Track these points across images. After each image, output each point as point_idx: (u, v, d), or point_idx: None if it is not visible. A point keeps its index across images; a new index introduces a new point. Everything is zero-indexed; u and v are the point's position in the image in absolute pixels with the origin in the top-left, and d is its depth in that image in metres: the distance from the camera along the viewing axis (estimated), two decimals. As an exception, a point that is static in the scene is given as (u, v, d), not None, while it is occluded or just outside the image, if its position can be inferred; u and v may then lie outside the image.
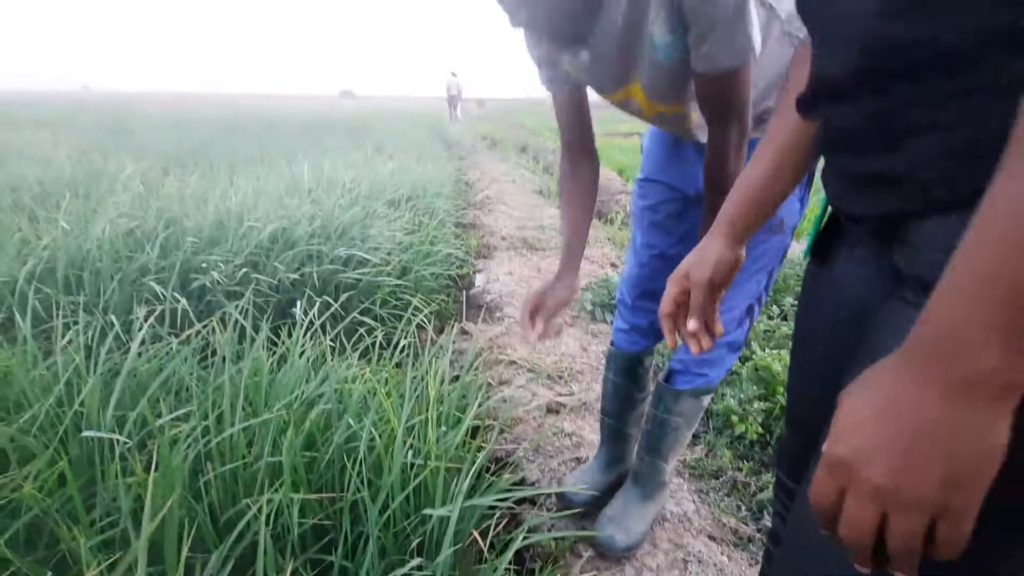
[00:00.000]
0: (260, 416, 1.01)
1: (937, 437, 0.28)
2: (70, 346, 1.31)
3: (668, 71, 0.75)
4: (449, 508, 0.83)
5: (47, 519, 0.90)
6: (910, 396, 0.29)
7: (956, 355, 0.27)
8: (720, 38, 0.67)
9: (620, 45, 0.75)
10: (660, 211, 1.04)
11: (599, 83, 0.85)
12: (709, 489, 1.34)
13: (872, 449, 0.29)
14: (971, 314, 0.27)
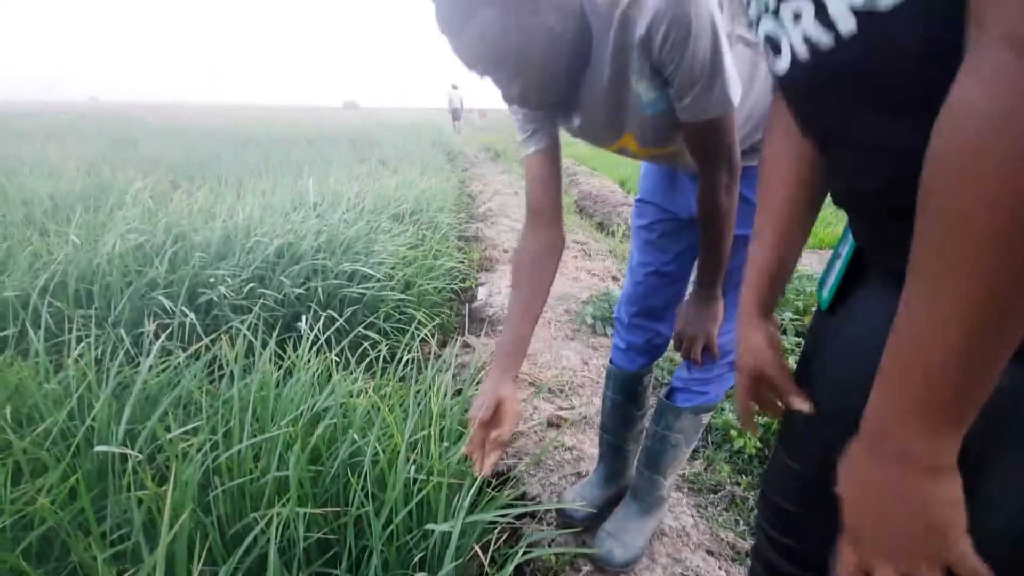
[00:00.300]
0: (267, 431, 1.04)
1: (898, 500, 0.35)
2: (81, 360, 1.35)
3: (656, 121, 0.79)
4: (451, 524, 0.85)
5: (59, 531, 0.92)
6: (871, 476, 0.37)
7: (890, 442, 0.35)
8: (698, 93, 0.71)
9: (608, 106, 0.79)
10: (655, 231, 1.07)
11: (594, 139, 0.89)
12: (708, 504, 1.35)
13: (862, 525, 0.38)
14: (892, 413, 0.35)
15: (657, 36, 0.67)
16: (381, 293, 2.03)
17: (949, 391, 0.32)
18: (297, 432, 1.02)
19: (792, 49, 0.41)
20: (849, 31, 0.35)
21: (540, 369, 1.92)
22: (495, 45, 0.69)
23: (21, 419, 1.20)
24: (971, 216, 0.28)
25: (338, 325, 1.78)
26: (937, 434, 0.33)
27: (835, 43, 0.37)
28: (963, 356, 0.31)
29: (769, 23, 0.43)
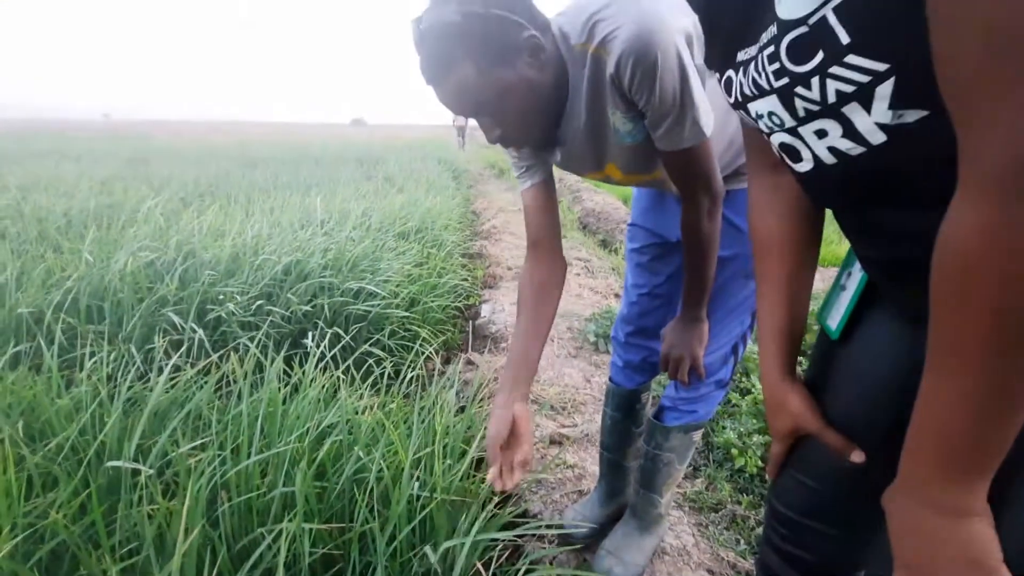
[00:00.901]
0: (274, 447, 1.06)
1: (941, 542, 0.40)
2: (93, 376, 1.38)
3: (636, 150, 0.82)
4: (457, 541, 0.87)
5: (70, 545, 0.94)
6: (914, 520, 0.42)
7: (924, 493, 0.40)
8: (671, 124, 0.74)
9: (589, 139, 0.83)
10: (646, 254, 1.10)
11: (578, 170, 0.93)
12: (708, 523, 1.36)
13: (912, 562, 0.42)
14: (921, 470, 0.40)
15: (626, 73, 0.71)
16: (386, 311, 2.06)
17: (968, 457, 0.38)
18: (304, 448, 1.05)
19: (815, 156, 0.44)
20: (879, 141, 0.39)
21: (543, 387, 1.93)
22: (472, 96, 0.73)
23: (34, 434, 1.23)
24: (964, 331, 0.34)
25: (344, 343, 1.80)
26: (964, 486, 0.38)
27: (864, 150, 0.40)
28: (976, 434, 0.36)
29: (784, 136, 0.46)
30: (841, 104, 0.39)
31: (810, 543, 0.63)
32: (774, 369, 0.61)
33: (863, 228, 0.50)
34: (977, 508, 0.39)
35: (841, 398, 0.59)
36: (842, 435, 0.57)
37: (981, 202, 0.31)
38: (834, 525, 0.60)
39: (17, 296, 1.90)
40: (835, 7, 0.35)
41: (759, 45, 0.42)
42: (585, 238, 4.79)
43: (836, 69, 0.37)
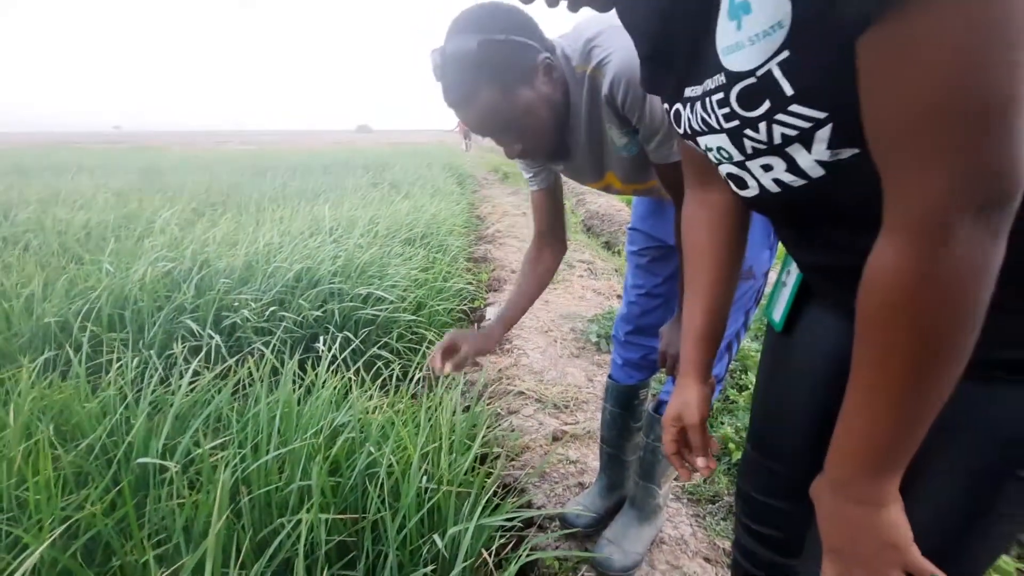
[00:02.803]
0: (291, 444, 1.13)
1: (859, 528, 0.46)
2: (118, 380, 1.46)
3: (632, 161, 0.90)
4: (463, 526, 0.93)
5: (104, 536, 1.02)
6: (839, 511, 0.47)
7: (849, 488, 0.46)
8: (662, 139, 0.81)
9: (589, 152, 0.91)
10: (645, 256, 1.16)
11: (581, 179, 1.01)
12: (706, 514, 1.41)
13: (839, 546, 0.48)
14: (846, 469, 0.46)
15: (618, 94, 0.78)
16: (394, 315, 2.13)
17: (888, 456, 0.43)
18: (319, 444, 1.11)
19: (761, 185, 0.50)
20: (818, 175, 0.44)
21: (546, 386, 1.99)
22: (500, 117, 0.80)
23: (65, 436, 1.31)
24: (886, 353, 0.40)
25: (354, 346, 1.88)
26: (881, 480, 0.44)
27: (805, 182, 0.46)
28: (893, 436, 0.42)
29: (732, 168, 0.51)
30: (786, 145, 0.44)
31: (775, 521, 0.68)
32: (688, 364, 0.68)
33: (800, 240, 0.56)
34: (891, 498, 0.45)
35: (782, 386, 0.65)
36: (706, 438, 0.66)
37: (902, 245, 0.37)
38: (796, 503, 0.66)
39: (44, 306, 1.99)
40: (779, 63, 0.39)
41: (704, 89, 0.47)
42: (589, 240, 4.84)
43: (781, 116, 0.42)
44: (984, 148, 0.33)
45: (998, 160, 0.33)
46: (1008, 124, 0.32)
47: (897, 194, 0.37)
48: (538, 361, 2.21)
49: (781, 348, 0.67)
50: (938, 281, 0.36)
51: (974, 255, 0.35)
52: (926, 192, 0.35)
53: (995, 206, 0.34)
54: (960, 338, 0.38)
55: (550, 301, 2.96)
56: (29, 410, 1.27)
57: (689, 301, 0.68)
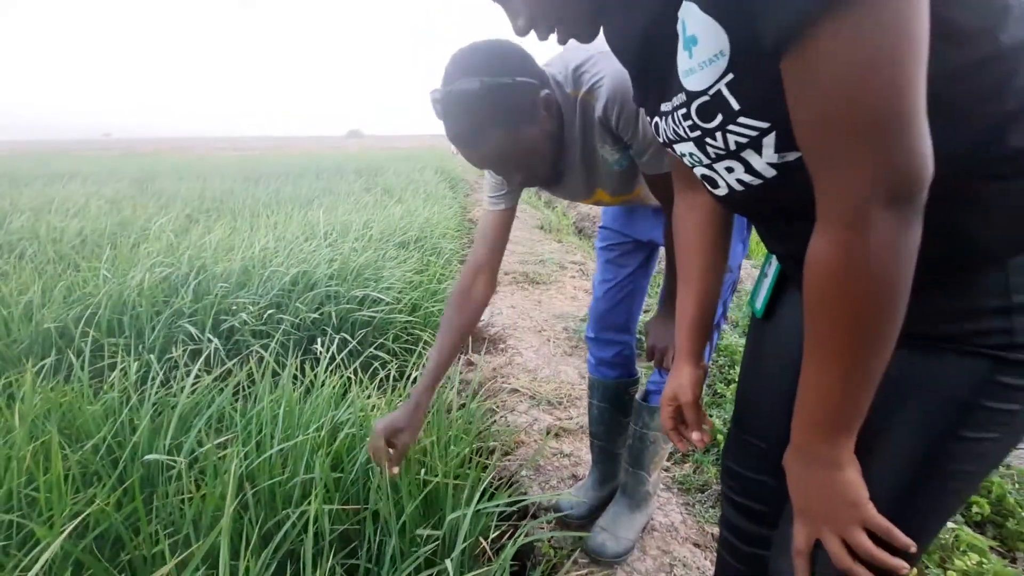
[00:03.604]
0: (294, 440, 1.17)
1: (822, 489, 0.52)
2: (118, 383, 1.49)
3: (621, 175, 0.96)
4: (462, 512, 0.98)
5: (115, 531, 1.05)
6: (804, 475, 0.54)
7: (810, 453, 0.52)
8: (654, 152, 0.87)
9: (582, 171, 0.96)
10: (614, 251, 1.23)
11: (572, 197, 1.06)
12: (695, 502, 1.46)
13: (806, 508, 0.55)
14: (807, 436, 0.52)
15: (612, 115, 0.84)
16: (390, 316, 2.17)
17: (839, 419, 0.49)
18: (322, 438, 1.15)
19: (728, 185, 0.56)
20: (771, 175, 0.51)
21: (540, 383, 2.04)
22: (506, 156, 0.83)
23: (70, 437, 1.34)
24: (827, 329, 0.46)
25: (351, 347, 1.91)
26: (836, 442, 0.50)
27: (761, 182, 0.52)
28: (841, 401, 0.48)
29: (703, 170, 0.58)
30: (740, 151, 0.50)
31: (759, 494, 0.74)
32: (682, 350, 0.75)
33: (770, 232, 0.62)
34: (847, 460, 0.51)
35: (763, 367, 0.71)
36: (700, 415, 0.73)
37: (829, 236, 0.43)
38: (777, 477, 0.71)
39: (42, 312, 2.01)
40: (726, 83, 0.46)
41: (673, 105, 0.54)
42: (581, 242, 4.90)
43: (732, 127, 0.48)
44: (885, 149, 0.38)
45: (899, 159, 0.39)
46: (902, 129, 0.38)
47: (821, 191, 0.43)
48: (532, 360, 2.26)
49: (762, 333, 0.73)
50: (862, 264, 0.42)
51: (890, 241, 0.41)
52: (843, 188, 0.41)
53: (903, 198, 0.40)
54: (888, 311, 0.43)
55: (543, 301, 3.02)
56: (34, 412, 1.31)
57: (682, 293, 0.75)
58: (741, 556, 0.77)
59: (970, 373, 0.49)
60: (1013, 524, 1.38)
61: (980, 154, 0.44)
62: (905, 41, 0.37)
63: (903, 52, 0.37)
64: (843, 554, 0.52)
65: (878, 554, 0.50)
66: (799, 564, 0.56)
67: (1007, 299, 0.46)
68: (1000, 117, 0.44)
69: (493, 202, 1.05)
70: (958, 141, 0.43)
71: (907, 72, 0.37)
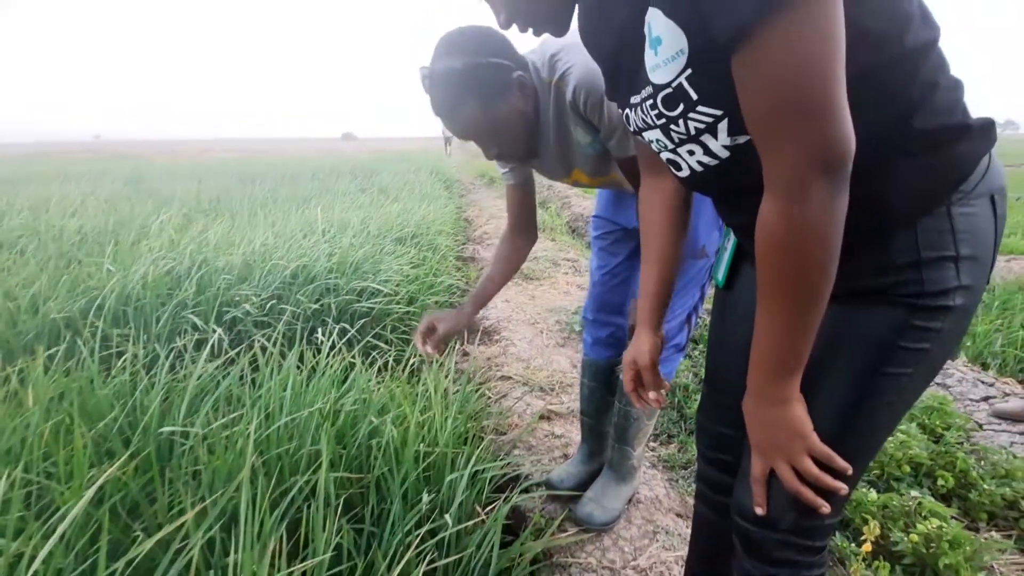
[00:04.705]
0: (300, 414, 1.24)
1: (773, 424, 0.61)
2: (128, 369, 1.55)
3: (596, 158, 1.05)
4: (459, 473, 1.06)
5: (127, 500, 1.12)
6: (758, 413, 0.62)
7: (762, 392, 0.60)
8: (620, 137, 0.96)
9: (558, 151, 1.06)
10: (607, 239, 1.31)
11: (551, 176, 1.17)
12: (679, 478, 1.55)
13: (761, 442, 0.63)
14: (759, 378, 0.60)
15: (580, 100, 0.93)
16: (388, 307, 2.25)
17: (786, 363, 0.57)
18: (328, 411, 1.23)
19: (690, 166, 0.65)
20: (725, 156, 0.59)
21: (532, 371, 2.12)
22: (478, 127, 0.95)
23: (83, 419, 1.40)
24: (773, 285, 0.55)
25: (350, 336, 1.99)
26: (784, 382, 0.58)
27: (717, 162, 0.61)
28: (790, 347, 0.56)
29: (668, 155, 0.67)
30: (699, 135, 0.59)
31: (728, 446, 0.82)
32: (643, 320, 0.84)
33: (727, 206, 0.71)
34: (794, 396, 0.60)
35: (727, 331, 0.80)
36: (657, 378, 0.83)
37: (774, 204, 0.52)
38: (742, 430, 0.80)
39: (48, 304, 2.07)
40: (686, 77, 0.54)
41: (641, 97, 0.63)
42: (574, 241, 4.99)
43: (692, 114, 0.57)
44: (817, 130, 0.47)
45: (828, 138, 0.47)
46: (830, 112, 0.47)
47: (766, 166, 0.52)
48: (525, 350, 2.34)
49: (724, 301, 0.82)
50: (802, 227, 0.50)
51: (824, 207, 0.49)
52: (785, 164, 0.50)
53: (833, 171, 0.48)
54: (823, 268, 0.52)
55: (536, 296, 3.10)
56: (47, 395, 1.37)
57: (644, 269, 0.84)
58: (713, 504, 0.86)
59: (890, 319, 0.58)
60: (975, 496, 1.47)
61: (891, 135, 0.54)
62: (830, 41, 0.45)
63: (829, 50, 0.45)
64: (792, 478, 0.60)
65: (822, 477, 0.59)
66: (757, 490, 0.64)
67: (917, 255, 0.55)
68: (907, 105, 0.53)
69: (506, 177, 1.22)
70: (874, 125, 0.52)
71: (832, 67, 0.46)
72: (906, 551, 1.24)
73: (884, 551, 1.28)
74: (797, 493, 0.60)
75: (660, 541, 1.28)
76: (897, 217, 0.56)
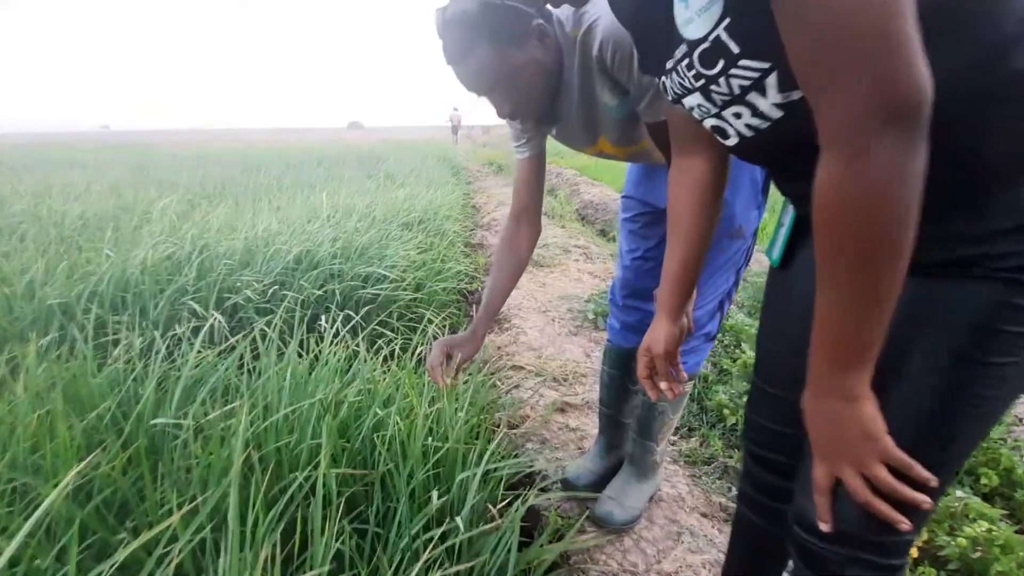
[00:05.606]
0: (299, 405, 1.16)
1: (839, 424, 0.51)
2: (123, 357, 1.48)
3: (624, 123, 0.95)
4: (471, 471, 0.97)
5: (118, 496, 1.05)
6: (822, 411, 0.53)
7: (826, 387, 0.51)
8: (652, 98, 0.85)
9: (582, 114, 0.95)
10: (637, 221, 1.20)
11: (573, 143, 1.06)
12: (702, 474, 1.46)
13: (824, 445, 0.54)
14: (823, 370, 0.51)
15: (607, 56, 0.83)
16: (394, 294, 2.16)
17: (853, 351, 0.48)
18: (329, 402, 1.15)
19: (738, 132, 0.56)
20: (779, 115, 0.50)
21: (545, 361, 2.03)
22: (491, 74, 0.86)
23: (74, 408, 1.33)
24: (835, 256, 0.45)
25: (355, 323, 1.90)
26: (851, 374, 0.49)
27: (769, 124, 0.52)
28: (857, 332, 0.47)
29: (713, 120, 0.58)
30: (745, 94, 0.50)
31: (781, 445, 0.73)
32: (662, 305, 0.77)
33: (784, 174, 0.62)
34: (863, 393, 0.50)
35: (782, 315, 0.70)
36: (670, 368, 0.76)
37: (831, 161, 0.43)
38: (798, 427, 0.70)
39: (45, 290, 2.00)
40: (724, 28, 0.46)
41: (675, 59, 0.54)
42: (584, 228, 4.88)
43: (734, 71, 0.49)
44: (875, 71, 0.38)
45: (891, 80, 0.38)
46: (891, 49, 0.37)
47: (820, 118, 0.43)
48: (536, 339, 2.25)
49: (779, 282, 0.72)
50: (865, 189, 0.41)
51: (892, 163, 0.40)
52: (840, 114, 0.41)
53: (902, 120, 0.39)
54: (894, 235, 0.42)
55: (547, 284, 3.00)
56: (38, 385, 1.30)
57: (668, 252, 0.76)
58: (758, 508, 0.77)
59: (986, 298, 0.48)
60: (1022, 495, 1.37)
61: (982, 76, 0.44)
62: None
63: None
64: (863, 489, 0.51)
65: (899, 488, 0.49)
66: (820, 502, 0.55)
67: (1020, 219, 0.45)
68: (999, 39, 0.43)
69: (519, 151, 1.10)
70: (958, 64, 0.43)
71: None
72: (952, 556, 1.15)
73: (929, 555, 1.18)
74: (869, 506, 0.51)
75: (685, 543, 1.20)
76: (993, 174, 0.46)
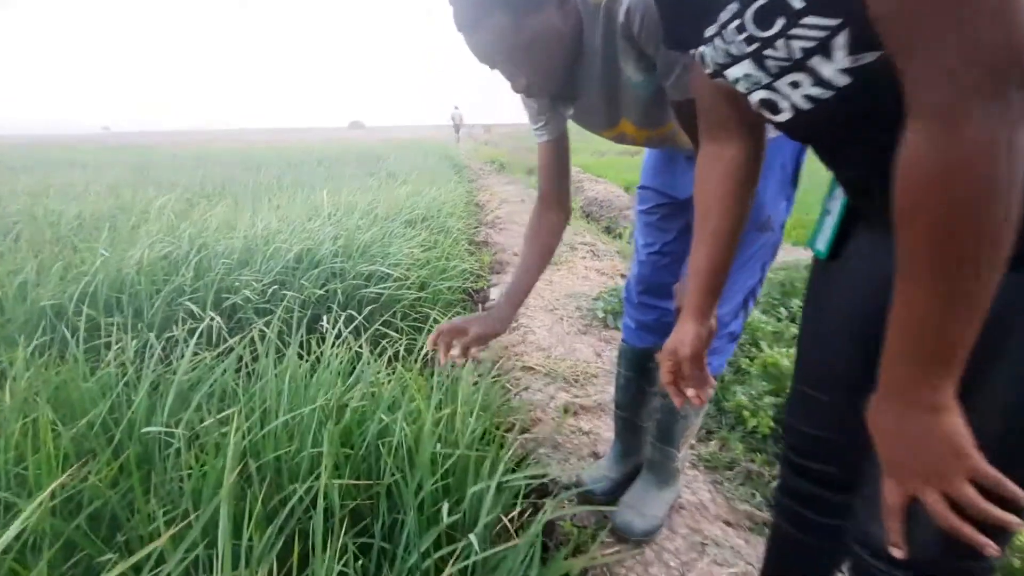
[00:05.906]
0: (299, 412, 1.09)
1: (920, 438, 0.44)
2: (116, 361, 1.42)
3: (649, 102, 0.87)
4: (484, 484, 0.90)
5: (107, 509, 0.98)
6: (897, 421, 0.46)
7: (905, 395, 0.44)
8: (680, 72, 0.77)
9: (603, 91, 0.87)
10: (655, 214, 1.13)
11: (592, 124, 0.98)
12: (723, 479, 1.38)
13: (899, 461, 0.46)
14: (900, 374, 0.44)
15: (634, 23, 0.76)
16: (398, 292, 2.09)
17: (939, 354, 0.42)
18: (330, 409, 1.08)
19: (793, 104, 0.48)
20: (845, 83, 0.43)
21: (554, 361, 1.96)
22: (505, 42, 0.78)
23: (64, 415, 1.27)
24: (922, 243, 0.38)
25: (357, 323, 1.84)
26: (935, 382, 0.42)
27: (833, 93, 0.45)
28: (944, 333, 0.41)
29: (762, 93, 0.50)
30: (807, 58, 0.43)
31: (823, 454, 0.66)
32: (689, 305, 0.70)
33: (838, 156, 0.54)
34: (949, 403, 0.42)
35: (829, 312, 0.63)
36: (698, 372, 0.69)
37: (922, 134, 0.36)
38: (844, 434, 0.63)
39: (37, 291, 1.94)
40: None
41: (720, 22, 0.47)
42: (589, 225, 4.81)
43: (796, 30, 0.41)
44: (978, 24, 0.31)
45: (999, 36, 0.31)
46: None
47: (911, 84, 0.36)
48: (545, 338, 2.18)
49: (827, 276, 0.65)
50: (960, 164, 0.34)
51: (996, 136, 0.33)
52: (934, 77, 0.34)
53: (1010, 80, 0.32)
54: (993, 220, 0.35)
55: (554, 281, 2.93)
56: (25, 389, 1.23)
57: (695, 248, 0.69)
58: (799, 521, 0.70)
59: None
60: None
61: None
62: None
63: None
64: (947, 512, 0.44)
65: (989, 509, 0.42)
66: (892, 525, 0.48)
67: None
68: None
69: (538, 134, 1.04)
70: None
71: None
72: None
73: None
74: (954, 531, 0.44)
75: (710, 555, 1.13)
76: None
